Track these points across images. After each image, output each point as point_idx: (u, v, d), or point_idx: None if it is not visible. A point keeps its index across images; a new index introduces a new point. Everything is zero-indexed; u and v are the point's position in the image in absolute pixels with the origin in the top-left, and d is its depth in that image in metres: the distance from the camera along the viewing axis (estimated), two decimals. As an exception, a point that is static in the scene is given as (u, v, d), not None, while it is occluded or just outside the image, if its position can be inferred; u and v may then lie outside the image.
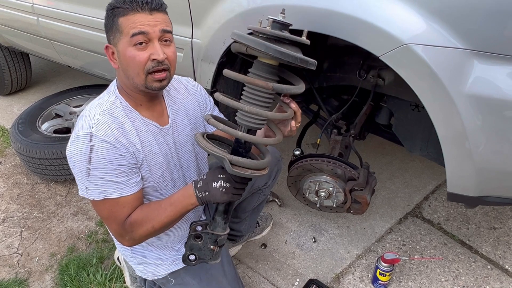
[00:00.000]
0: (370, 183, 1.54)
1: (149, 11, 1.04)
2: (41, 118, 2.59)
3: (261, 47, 0.92)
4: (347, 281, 1.74)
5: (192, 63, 1.66)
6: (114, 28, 1.06)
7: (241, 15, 1.39)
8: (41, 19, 2.38)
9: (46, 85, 3.76)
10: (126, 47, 1.05)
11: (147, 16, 1.04)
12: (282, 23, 0.99)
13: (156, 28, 1.05)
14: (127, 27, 1.03)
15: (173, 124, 1.26)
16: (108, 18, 1.08)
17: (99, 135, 1.06)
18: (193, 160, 1.35)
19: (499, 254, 1.83)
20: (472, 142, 1.10)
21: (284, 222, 2.06)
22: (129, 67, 1.07)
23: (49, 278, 1.83)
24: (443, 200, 2.16)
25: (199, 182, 1.10)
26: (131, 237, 1.16)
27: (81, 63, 2.51)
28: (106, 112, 1.10)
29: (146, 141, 1.16)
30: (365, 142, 2.05)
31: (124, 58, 1.07)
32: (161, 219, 1.13)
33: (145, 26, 1.03)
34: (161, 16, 1.07)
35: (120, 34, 1.05)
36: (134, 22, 1.03)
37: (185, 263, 1.20)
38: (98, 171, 1.07)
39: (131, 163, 1.12)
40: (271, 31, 0.96)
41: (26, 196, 2.33)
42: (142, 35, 1.03)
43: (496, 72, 1.03)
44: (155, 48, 1.05)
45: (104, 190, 1.09)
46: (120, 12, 1.04)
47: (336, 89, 1.95)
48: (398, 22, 1.08)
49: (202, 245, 1.17)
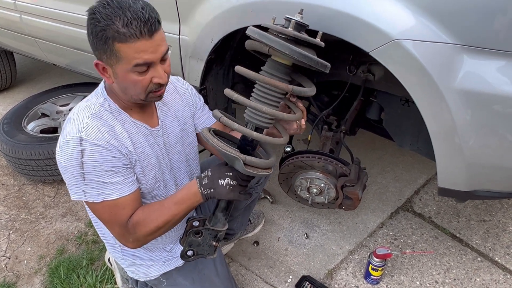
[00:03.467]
0: (361, 179, 1.54)
1: (149, 36, 0.96)
2: (27, 118, 2.53)
3: (285, 49, 0.91)
4: (340, 276, 1.75)
5: (180, 61, 1.64)
6: (108, 51, 0.97)
7: (230, 11, 1.37)
8: (24, 16, 2.32)
9: (32, 83, 3.69)
10: (126, 73, 1.00)
11: (148, 42, 0.96)
12: (302, 24, 0.98)
13: (158, 54, 0.99)
14: (128, 56, 0.96)
15: (163, 126, 1.23)
16: (99, 38, 0.96)
17: (89, 139, 1.02)
18: (184, 160, 1.34)
19: (489, 246, 1.85)
20: (462, 136, 1.10)
21: (276, 219, 2.05)
22: (129, 89, 1.04)
23: (38, 281, 1.80)
24: (433, 194, 2.17)
25: (203, 179, 1.09)
26: (135, 238, 1.14)
27: (66, 61, 2.46)
28: (95, 115, 1.07)
29: (138, 143, 1.14)
30: (356, 138, 2.05)
31: (124, 81, 1.02)
32: (166, 219, 1.12)
33: (148, 55, 0.97)
34: (159, 35, 0.99)
35: (117, 59, 0.98)
36: (136, 52, 0.96)
37: (183, 259, 1.20)
38: (92, 174, 1.04)
39: (125, 164, 1.10)
40: (293, 32, 0.95)
41: (13, 197, 2.28)
42: (145, 65, 0.99)
43: (485, 67, 1.02)
44: (157, 72, 1.01)
45: (102, 192, 1.07)
46: (117, 38, 0.94)
47: (326, 84, 1.94)
48: (388, 18, 1.07)
49: (201, 240, 1.18)
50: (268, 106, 1.04)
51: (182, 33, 1.57)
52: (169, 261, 1.37)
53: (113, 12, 0.93)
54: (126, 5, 0.93)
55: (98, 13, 0.94)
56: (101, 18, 0.93)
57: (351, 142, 1.77)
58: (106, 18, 0.93)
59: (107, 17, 0.93)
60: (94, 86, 1.17)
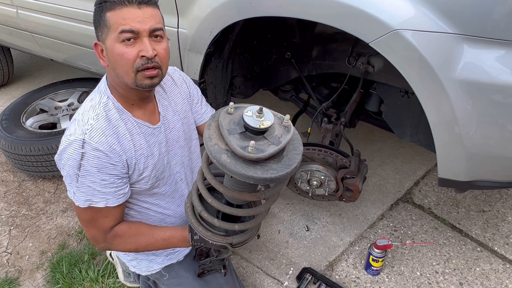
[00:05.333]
0: (361, 171, 1.54)
1: (137, 4, 0.98)
2: (25, 114, 2.52)
3: (249, 180, 0.81)
4: (341, 268, 1.76)
5: (179, 54, 1.63)
6: (102, 23, 1.01)
7: (228, 3, 1.36)
8: (20, 11, 2.30)
9: (30, 79, 3.67)
10: (113, 44, 1.00)
11: (136, 11, 0.98)
12: (261, 130, 0.83)
13: (146, 25, 0.99)
14: (115, 23, 0.98)
15: (165, 122, 1.23)
16: (96, 13, 1.02)
17: (92, 143, 1.02)
18: (186, 155, 1.33)
19: (488, 236, 1.86)
20: (462, 127, 1.11)
21: (276, 211, 2.06)
22: (117, 64, 1.03)
23: (40, 276, 1.80)
24: (433, 185, 2.18)
25: (195, 235, 1.13)
26: (108, 246, 1.20)
27: (64, 56, 2.44)
28: (100, 116, 1.06)
29: (138, 145, 1.13)
30: (355, 130, 2.05)
31: (112, 55, 1.02)
32: (148, 247, 1.21)
33: (134, 23, 0.98)
34: (151, 10, 1.01)
35: (107, 29, 1.00)
36: (122, 18, 0.98)
37: (199, 276, 1.36)
38: (87, 179, 1.04)
39: (122, 173, 1.09)
40: (250, 156, 0.80)
41: (13, 194, 2.28)
42: (130, 32, 0.98)
43: (485, 56, 1.02)
44: (144, 44, 1.00)
45: (90, 198, 1.07)
46: (108, 6, 0.98)
47: (325, 77, 1.94)
48: (387, 8, 1.07)
49: (211, 264, 1.32)
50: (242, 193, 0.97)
51: (180, 26, 1.56)
52: (171, 255, 1.37)
53: None
54: None
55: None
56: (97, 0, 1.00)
57: (350, 134, 1.77)
58: None
59: None
60: (92, 81, 1.16)
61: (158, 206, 1.29)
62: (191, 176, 1.40)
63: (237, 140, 0.82)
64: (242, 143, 0.82)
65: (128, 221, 1.24)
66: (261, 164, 0.82)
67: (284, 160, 0.85)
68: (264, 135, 0.85)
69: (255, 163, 0.82)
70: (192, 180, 1.41)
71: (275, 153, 0.83)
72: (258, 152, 0.81)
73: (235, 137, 0.83)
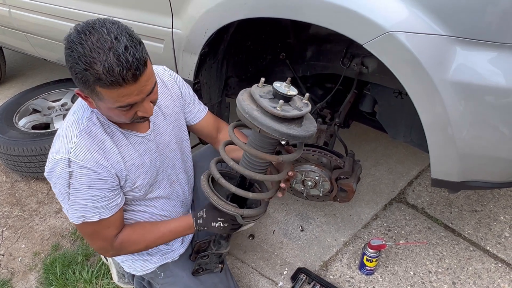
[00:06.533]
0: (355, 171, 1.55)
1: (133, 81, 0.89)
2: (18, 114, 2.50)
3: (274, 133, 0.93)
4: (335, 268, 1.76)
5: (173, 55, 1.62)
6: (89, 90, 0.91)
7: (223, 4, 1.36)
8: (13, 10, 2.28)
9: (22, 79, 3.64)
10: (108, 109, 0.96)
11: (132, 87, 0.90)
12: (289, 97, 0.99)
13: (144, 94, 0.95)
14: (110, 99, 0.91)
15: (155, 128, 1.21)
16: (77, 76, 0.88)
17: (78, 161, 1.00)
18: (178, 157, 1.33)
19: (481, 236, 1.88)
20: (455, 128, 1.12)
21: (271, 212, 2.06)
22: (112, 118, 1.04)
23: (33, 278, 1.79)
24: (426, 185, 2.20)
25: (199, 219, 1.20)
26: (117, 252, 1.22)
27: (58, 56, 2.42)
28: (84, 132, 1.03)
29: (128, 156, 1.11)
30: (349, 130, 2.06)
31: (107, 113, 1.01)
32: (158, 242, 1.25)
33: (132, 98, 0.92)
34: (145, 76, 0.91)
35: (100, 99, 0.93)
36: (119, 96, 0.90)
37: (194, 275, 1.38)
38: (77, 196, 1.04)
39: (113, 185, 1.08)
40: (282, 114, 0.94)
41: (6, 194, 2.26)
42: (129, 106, 0.95)
43: (477, 58, 1.03)
44: (142, 107, 0.98)
45: (83, 215, 1.07)
46: (98, 83, 0.87)
47: (320, 77, 1.94)
48: (381, 9, 1.07)
49: (208, 261, 1.37)
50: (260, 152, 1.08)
51: (175, 27, 1.56)
52: (166, 254, 1.37)
53: (91, 54, 0.84)
54: (107, 45, 0.84)
55: (75, 51, 0.85)
56: (79, 59, 0.84)
57: (344, 135, 1.78)
58: (84, 61, 0.84)
59: (85, 61, 0.84)
60: None
61: (154, 208, 1.29)
62: (185, 177, 1.40)
63: (268, 102, 0.97)
64: (272, 104, 0.96)
65: (130, 224, 1.24)
66: (285, 123, 0.96)
67: (303, 127, 1.00)
68: (289, 102, 1.00)
69: (281, 121, 0.95)
70: (186, 180, 1.41)
71: (297, 117, 0.98)
72: (284, 111, 0.95)
73: (265, 100, 0.98)
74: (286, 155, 1.09)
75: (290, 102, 1.00)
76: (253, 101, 0.99)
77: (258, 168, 1.11)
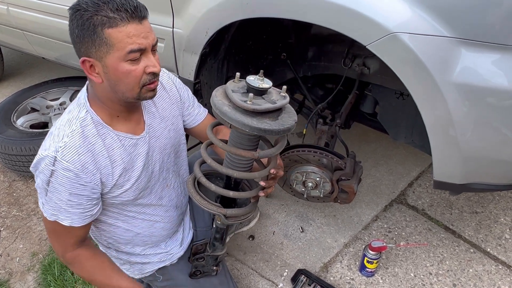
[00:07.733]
0: (356, 173, 1.54)
1: (138, 20, 0.93)
2: (16, 113, 2.48)
3: (245, 127, 0.91)
4: (335, 269, 1.76)
5: (174, 54, 1.61)
6: (97, 40, 0.92)
7: (224, 3, 1.35)
8: (11, 8, 2.26)
9: (20, 77, 3.61)
10: (118, 62, 0.95)
11: (139, 27, 0.93)
12: (262, 90, 0.96)
13: (150, 40, 0.96)
14: (121, 42, 0.92)
15: (150, 130, 1.18)
16: (84, 27, 0.92)
17: (63, 162, 0.99)
18: (172, 161, 1.31)
19: (481, 238, 1.88)
20: (458, 130, 1.11)
21: (271, 213, 2.05)
22: (121, 82, 0.98)
23: (31, 279, 1.78)
24: (427, 186, 2.19)
25: None
26: (66, 263, 1.22)
27: (56, 55, 2.41)
28: (76, 132, 1.01)
29: (119, 159, 1.09)
30: (350, 131, 2.05)
31: (115, 73, 0.97)
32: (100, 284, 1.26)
33: (140, 40, 0.93)
34: (148, 23, 0.97)
35: (109, 47, 0.93)
36: (128, 36, 0.92)
37: (191, 277, 1.38)
38: (54, 195, 1.03)
39: (93, 193, 1.06)
40: (252, 107, 0.91)
41: (4, 194, 2.24)
42: (139, 51, 0.95)
43: (482, 60, 1.03)
44: (150, 60, 0.98)
45: (57, 214, 1.06)
46: (106, 23, 0.90)
47: (321, 78, 1.94)
48: (385, 10, 1.06)
49: (205, 263, 1.36)
50: (242, 151, 1.05)
51: (175, 26, 1.55)
52: (165, 257, 1.36)
53: (98, 1, 0.91)
54: None
55: (83, 3, 0.91)
56: (87, 6, 0.90)
57: (344, 135, 1.77)
58: (93, 5, 0.90)
59: (94, 5, 0.90)
60: (84, 80, 1.12)
61: (145, 214, 1.26)
62: (178, 181, 1.37)
63: (239, 96, 0.95)
64: (243, 98, 0.94)
65: (95, 249, 1.24)
66: (257, 117, 0.93)
67: (278, 121, 0.95)
68: (263, 96, 0.97)
69: (252, 115, 0.93)
70: (180, 184, 1.38)
71: (270, 110, 0.94)
72: (255, 104, 0.92)
73: (237, 94, 0.96)
74: (263, 151, 1.03)
75: (264, 95, 0.97)
76: (225, 97, 0.97)
77: (239, 166, 1.07)
